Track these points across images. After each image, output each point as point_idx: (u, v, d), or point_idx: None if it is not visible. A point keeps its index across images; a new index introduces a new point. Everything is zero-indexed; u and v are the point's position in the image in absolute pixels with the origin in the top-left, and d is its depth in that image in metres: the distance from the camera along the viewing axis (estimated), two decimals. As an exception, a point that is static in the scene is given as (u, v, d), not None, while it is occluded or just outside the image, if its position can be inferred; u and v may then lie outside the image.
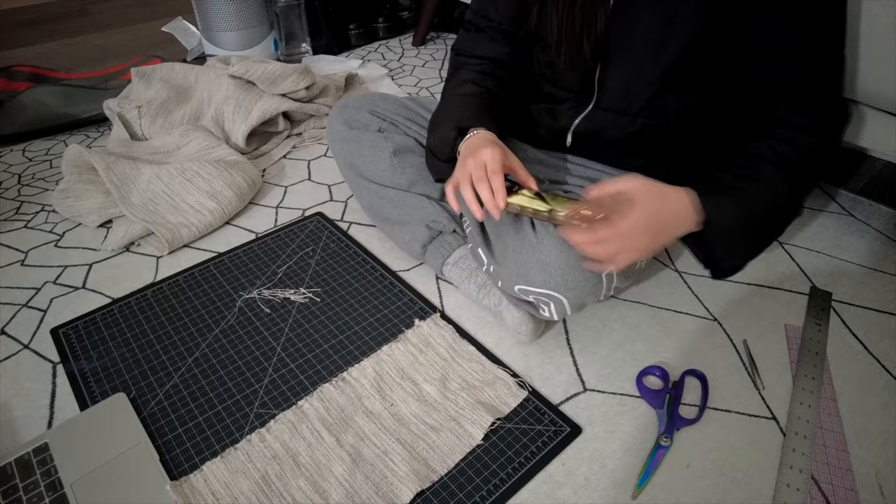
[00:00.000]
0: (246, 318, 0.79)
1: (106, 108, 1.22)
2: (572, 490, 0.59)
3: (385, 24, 1.80)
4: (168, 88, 1.24)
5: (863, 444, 0.63)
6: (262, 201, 1.05)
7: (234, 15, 1.50)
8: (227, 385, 0.70)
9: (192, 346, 0.75)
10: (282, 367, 0.72)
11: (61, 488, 0.58)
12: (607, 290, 0.68)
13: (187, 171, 1.00)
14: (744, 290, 0.83)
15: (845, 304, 0.81)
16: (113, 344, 0.76)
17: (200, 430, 0.65)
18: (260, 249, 0.92)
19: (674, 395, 0.68)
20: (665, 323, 0.78)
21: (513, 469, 0.60)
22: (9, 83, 1.42)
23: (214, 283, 0.85)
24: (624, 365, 0.73)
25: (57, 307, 0.82)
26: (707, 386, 0.69)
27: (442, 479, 0.59)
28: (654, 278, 0.86)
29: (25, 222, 1.01)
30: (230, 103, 1.16)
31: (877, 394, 0.69)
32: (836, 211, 0.99)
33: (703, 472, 0.60)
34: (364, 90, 1.47)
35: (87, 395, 0.69)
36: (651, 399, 0.68)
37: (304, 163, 1.17)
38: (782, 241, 0.92)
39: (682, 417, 0.65)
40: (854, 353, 0.74)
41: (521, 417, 0.66)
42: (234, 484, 0.59)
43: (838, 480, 0.59)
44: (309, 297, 0.82)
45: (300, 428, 0.64)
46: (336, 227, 0.97)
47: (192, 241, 0.95)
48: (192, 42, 1.67)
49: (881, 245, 0.92)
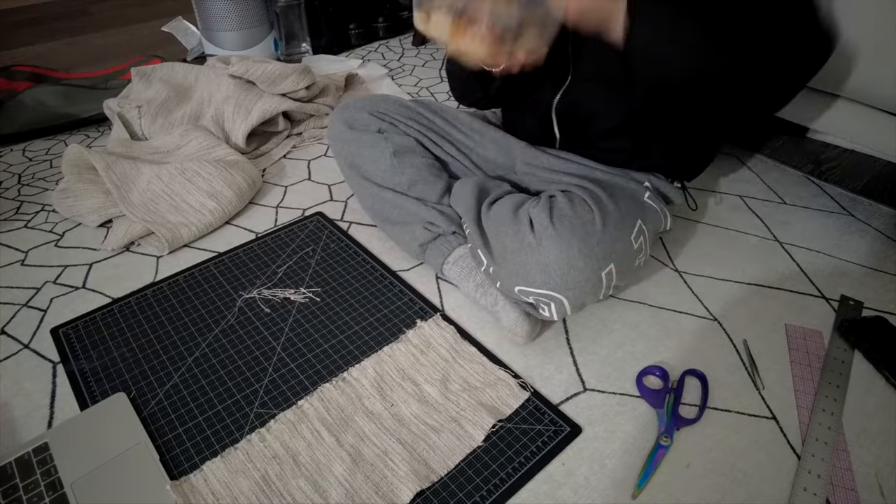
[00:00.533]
0: (246, 317, 0.79)
1: (106, 107, 1.22)
2: (572, 490, 0.59)
3: (385, 24, 1.80)
4: (168, 88, 1.24)
5: (863, 443, 0.63)
6: (262, 201, 1.05)
7: (234, 15, 1.50)
8: (227, 385, 0.70)
9: (192, 346, 0.75)
10: (282, 366, 0.72)
11: (61, 488, 0.58)
12: (607, 290, 0.68)
13: (187, 170, 1.00)
14: (744, 290, 0.83)
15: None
16: (113, 344, 0.76)
17: (200, 430, 0.65)
18: (260, 249, 0.92)
19: (674, 394, 0.68)
20: (665, 323, 0.78)
21: (513, 469, 0.60)
22: (9, 83, 1.42)
23: (214, 283, 0.85)
24: (624, 365, 0.73)
25: (57, 307, 0.82)
26: (707, 386, 0.69)
27: (442, 479, 0.59)
28: (653, 278, 0.86)
29: (25, 222, 1.01)
30: (230, 103, 1.16)
31: (877, 394, 0.69)
32: (836, 210, 0.99)
33: (702, 472, 0.61)
34: (364, 90, 1.47)
35: (87, 395, 0.69)
36: (651, 399, 0.68)
37: (304, 162, 1.17)
38: (782, 241, 0.92)
39: (682, 417, 0.65)
40: (854, 352, 0.74)
41: (521, 417, 0.66)
42: (235, 483, 0.59)
43: (838, 480, 0.59)
44: (309, 297, 0.82)
45: (300, 428, 0.64)
46: (336, 226, 0.97)
47: (192, 240, 0.95)
48: (192, 42, 1.67)
49: (881, 245, 0.92)
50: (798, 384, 0.70)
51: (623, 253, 0.69)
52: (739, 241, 0.93)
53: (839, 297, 0.82)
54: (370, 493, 0.58)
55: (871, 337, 0.73)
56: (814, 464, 0.61)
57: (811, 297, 0.82)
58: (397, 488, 0.58)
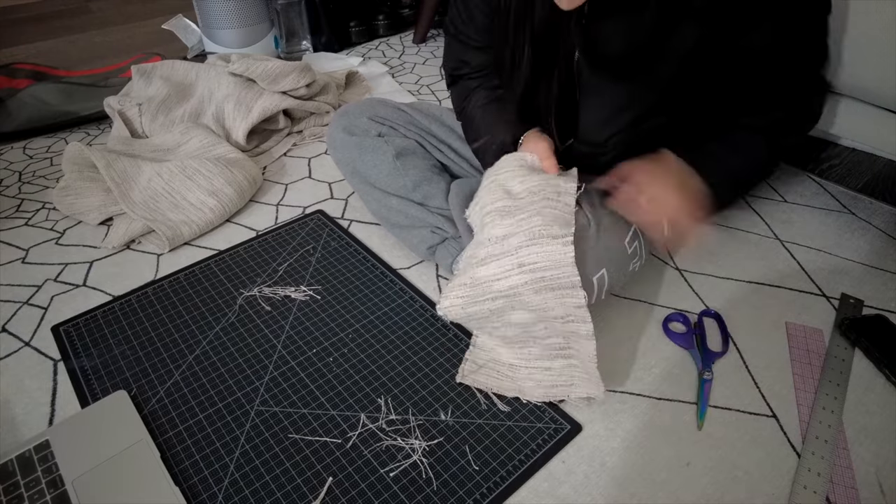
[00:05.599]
0: (247, 315, 0.79)
1: (106, 105, 1.22)
2: (572, 488, 0.59)
3: (385, 22, 1.80)
4: (169, 86, 1.24)
5: (863, 441, 0.63)
6: (263, 199, 1.05)
7: (235, 12, 1.49)
8: (227, 382, 0.70)
9: (192, 344, 0.75)
10: (282, 364, 0.72)
11: (62, 485, 0.58)
12: (599, 294, 0.68)
13: (188, 168, 1.00)
14: (744, 288, 0.83)
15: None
16: (114, 341, 0.76)
17: (201, 427, 0.65)
18: (260, 247, 0.92)
19: (699, 334, 0.75)
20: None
21: (513, 467, 0.61)
22: (9, 80, 1.42)
23: (215, 281, 0.85)
24: (624, 363, 0.73)
25: (58, 305, 0.82)
26: (724, 323, 0.76)
27: (442, 478, 0.59)
28: (654, 276, 0.86)
29: (26, 220, 1.01)
30: (231, 101, 1.16)
31: (877, 392, 0.69)
32: (836, 209, 0.99)
33: (703, 470, 0.61)
34: (365, 87, 1.47)
35: (88, 393, 0.69)
36: (681, 342, 0.75)
37: (305, 160, 1.17)
38: (783, 240, 0.92)
39: (712, 352, 0.73)
40: (855, 350, 0.74)
41: (521, 415, 0.66)
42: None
43: (838, 478, 0.59)
44: (309, 295, 0.82)
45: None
46: (336, 224, 0.97)
47: (192, 238, 0.95)
48: (193, 39, 1.66)
49: (882, 243, 0.92)
50: (798, 382, 0.70)
51: (616, 258, 0.69)
52: (740, 240, 0.93)
53: (840, 295, 0.82)
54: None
55: (872, 335, 0.73)
56: (814, 462, 0.61)
57: (812, 296, 0.82)
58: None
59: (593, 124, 0.73)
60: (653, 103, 0.69)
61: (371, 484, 0.59)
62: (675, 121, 0.71)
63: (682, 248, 0.69)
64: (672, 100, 0.69)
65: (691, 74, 0.66)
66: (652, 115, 0.70)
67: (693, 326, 0.77)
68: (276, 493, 0.59)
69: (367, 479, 0.60)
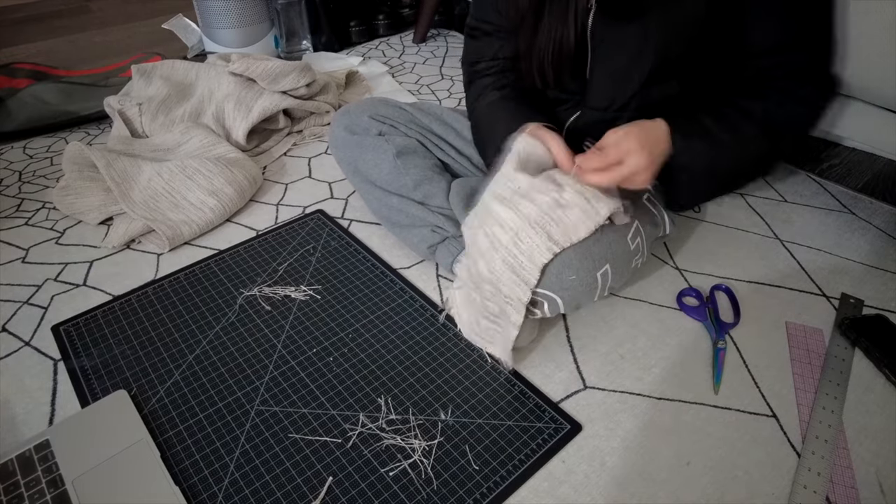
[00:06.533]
0: (247, 315, 0.79)
1: (106, 105, 1.22)
2: (572, 487, 0.59)
3: (386, 22, 1.80)
4: (169, 86, 1.24)
5: (863, 441, 0.63)
6: (263, 199, 1.05)
7: (235, 12, 1.49)
8: (227, 382, 0.70)
9: (192, 344, 0.75)
10: (282, 364, 0.72)
11: (63, 485, 0.58)
12: (602, 290, 0.68)
13: (188, 168, 1.00)
14: (744, 288, 0.83)
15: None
16: (114, 341, 0.76)
17: (201, 427, 0.65)
18: (260, 247, 0.92)
19: (711, 307, 0.79)
20: (666, 320, 0.78)
21: (513, 466, 0.61)
22: (9, 80, 1.42)
23: (215, 281, 0.85)
24: (624, 363, 0.73)
25: (58, 304, 0.82)
26: (734, 296, 0.81)
27: (442, 477, 0.59)
28: (654, 276, 0.86)
29: (26, 219, 1.01)
30: (231, 101, 1.16)
31: (877, 392, 0.69)
32: (836, 208, 0.99)
33: (702, 470, 0.61)
34: (365, 87, 1.47)
35: (88, 392, 0.69)
36: (695, 314, 0.79)
37: (305, 160, 1.17)
38: (783, 239, 0.92)
39: (725, 323, 0.77)
40: (855, 350, 0.74)
41: (521, 415, 0.66)
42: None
43: (838, 477, 0.59)
44: (309, 295, 0.82)
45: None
46: (336, 224, 0.97)
47: (192, 238, 0.95)
48: (193, 39, 1.66)
49: (882, 243, 0.92)
50: (798, 382, 0.70)
51: (619, 254, 0.69)
52: (740, 239, 0.93)
53: (840, 295, 0.82)
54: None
55: (872, 335, 0.73)
56: (814, 461, 0.61)
57: (812, 295, 0.82)
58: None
59: (605, 83, 0.74)
60: (666, 57, 0.68)
61: (371, 484, 0.59)
62: (686, 92, 0.71)
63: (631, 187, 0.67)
64: (686, 60, 0.69)
65: (712, 22, 0.66)
66: (664, 74, 0.70)
67: (705, 300, 0.81)
68: (276, 493, 0.59)
69: (367, 479, 0.60)
